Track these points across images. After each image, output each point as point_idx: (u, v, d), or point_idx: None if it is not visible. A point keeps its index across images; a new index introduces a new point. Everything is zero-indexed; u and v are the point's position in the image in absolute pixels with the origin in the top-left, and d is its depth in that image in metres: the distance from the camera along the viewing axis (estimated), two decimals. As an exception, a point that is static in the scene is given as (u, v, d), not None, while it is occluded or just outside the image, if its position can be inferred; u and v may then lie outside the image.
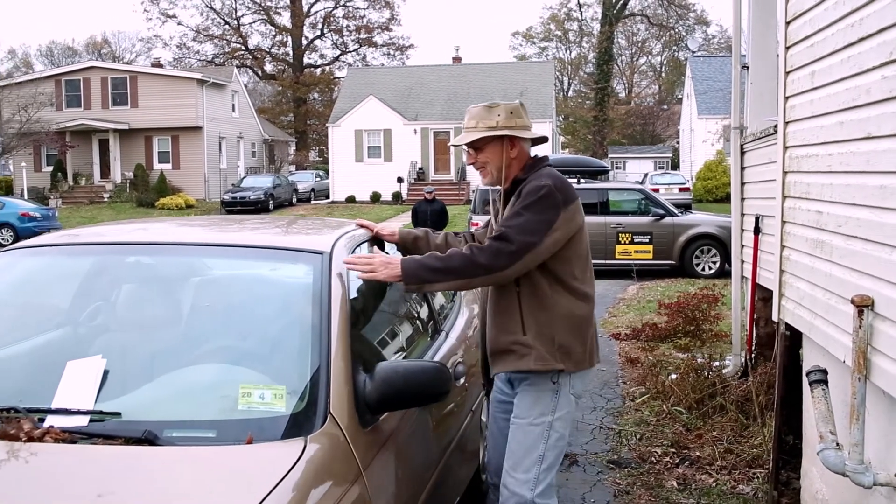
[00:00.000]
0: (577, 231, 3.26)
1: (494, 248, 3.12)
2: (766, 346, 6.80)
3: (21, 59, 75.88)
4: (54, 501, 2.06)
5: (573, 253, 3.27)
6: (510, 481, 3.30)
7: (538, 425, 3.30)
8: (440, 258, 3.15)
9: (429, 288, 3.22)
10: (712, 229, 16.35)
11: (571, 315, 3.26)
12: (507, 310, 3.29)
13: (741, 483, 5.21)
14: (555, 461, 3.34)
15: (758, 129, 6.53)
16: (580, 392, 3.41)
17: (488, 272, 3.12)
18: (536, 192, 3.18)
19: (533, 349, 3.23)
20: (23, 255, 3.45)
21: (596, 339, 3.45)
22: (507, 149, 3.36)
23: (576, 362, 3.29)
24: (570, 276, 3.26)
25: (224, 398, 2.59)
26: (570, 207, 3.21)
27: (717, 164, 36.32)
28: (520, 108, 3.41)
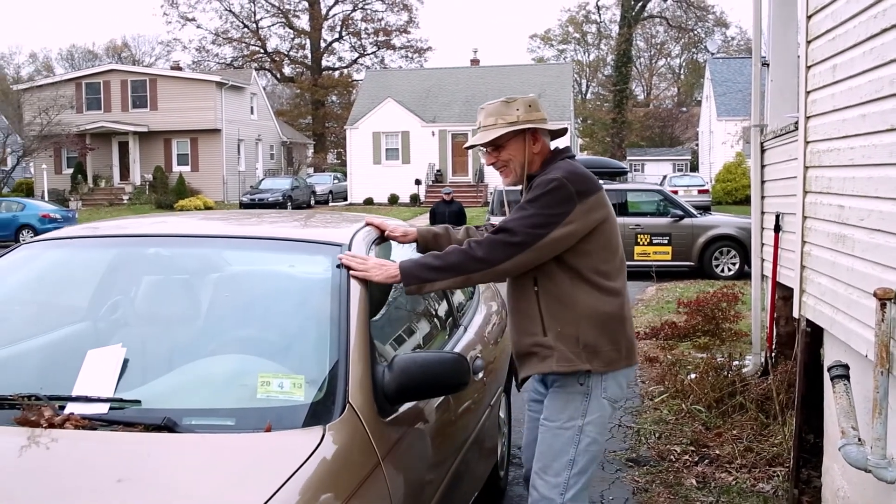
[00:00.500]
0: (599, 223, 3.11)
1: (492, 241, 3.03)
2: (786, 346, 6.76)
3: (42, 62, 76.48)
4: (74, 486, 2.07)
5: (596, 246, 3.12)
6: (540, 483, 3.22)
7: (568, 429, 3.17)
8: (438, 256, 3.06)
9: (429, 288, 3.06)
10: (732, 230, 16.25)
11: (596, 312, 3.11)
12: (526, 311, 3.19)
13: (761, 481, 5.17)
14: (586, 466, 3.20)
15: (778, 126, 6.50)
16: (616, 395, 3.23)
17: (487, 265, 3.01)
18: (545, 185, 3.06)
19: (555, 350, 3.11)
20: (44, 247, 3.47)
21: (630, 336, 3.27)
22: (530, 143, 3.24)
23: (606, 362, 3.14)
24: (593, 270, 3.11)
25: (243, 387, 2.59)
26: (589, 200, 3.07)
27: (737, 166, 36.13)
28: (537, 101, 3.31)
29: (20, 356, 2.96)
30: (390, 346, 3.13)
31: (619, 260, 3.23)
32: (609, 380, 3.18)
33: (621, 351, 3.18)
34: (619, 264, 3.22)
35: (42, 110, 36.82)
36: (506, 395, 5.17)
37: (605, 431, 3.31)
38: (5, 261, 3.35)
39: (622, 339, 3.19)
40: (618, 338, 3.17)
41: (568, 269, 3.11)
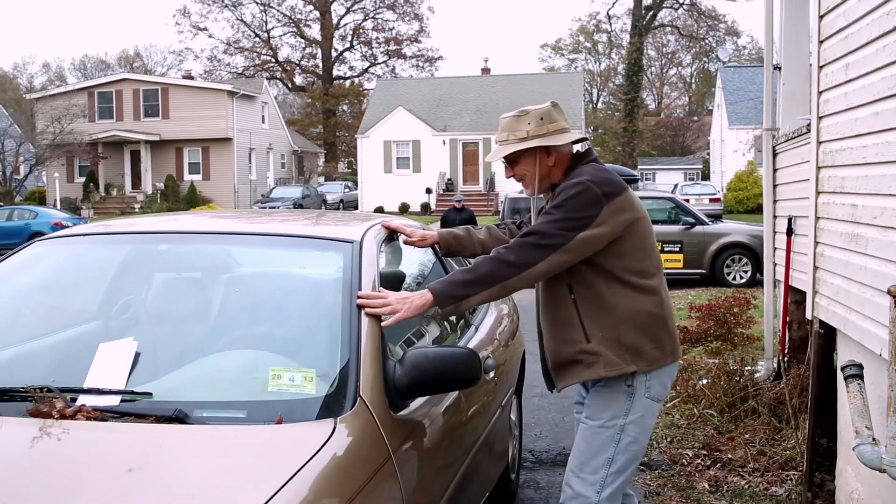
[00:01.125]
0: (630, 223, 3.06)
1: (522, 244, 2.98)
2: (798, 350, 6.72)
3: (55, 72, 76.94)
4: (85, 475, 2.07)
5: (629, 247, 3.07)
6: (575, 481, 3.17)
7: (609, 428, 3.13)
8: (468, 270, 2.98)
9: (466, 305, 2.96)
10: (743, 238, 16.17)
11: (635, 312, 3.07)
12: (565, 320, 3.13)
13: (774, 485, 5.14)
14: (625, 466, 3.15)
15: (790, 129, 6.48)
16: (660, 394, 3.19)
17: (520, 269, 2.94)
18: (570, 189, 3.01)
19: (600, 356, 3.06)
20: (58, 243, 3.50)
21: (672, 332, 3.22)
22: (543, 158, 3.19)
23: (649, 361, 3.09)
24: (628, 270, 3.07)
25: (254, 380, 2.60)
26: (616, 201, 3.02)
27: (748, 174, 36.05)
28: (551, 112, 3.22)
29: (33, 351, 2.96)
30: (400, 348, 3.11)
31: (655, 258, 3.19)
32: (653, 379, 3.14)
33: (665, 348, 3.14)
34: (655, 262, 3.18)
35: (54, 119, 37.05)
36: (517, 398, 5.15)
37: (648, 432, 3.23)
38: (18, 257, 3.36)
39: (664, 336, 3.15)
40: (659, 335, 3.13)
41: (602, 272, 3.07)
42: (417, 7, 62.35)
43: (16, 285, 3.32)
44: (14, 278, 3.33)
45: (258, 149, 45.73)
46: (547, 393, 7.53)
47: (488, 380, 3.87)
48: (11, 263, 3.33)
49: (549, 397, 7.56)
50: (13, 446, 2.22)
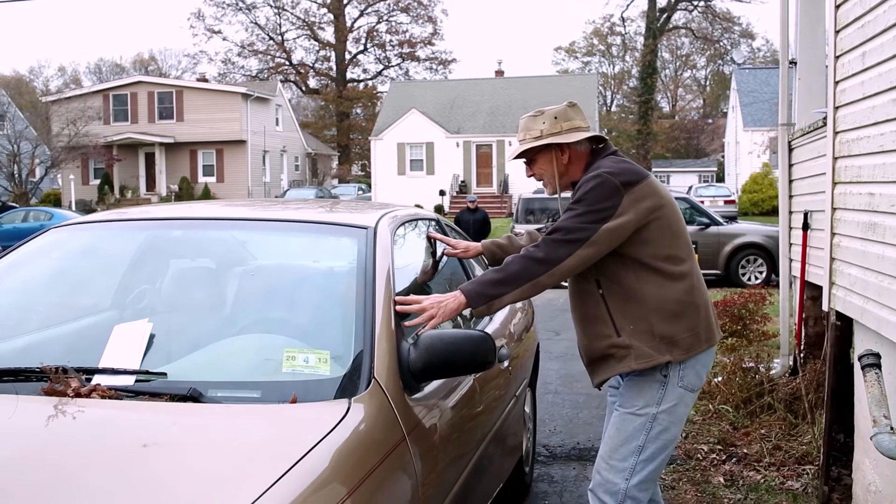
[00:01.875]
0: (654, 209, 3.04)
1: (549, 240, 2.96)
2: (814, 346, 6.68)
3: (70, 76, 77.42)
4: (100, 449, 2.07)
5: (656, 233, 3.04)
6: (604, 467, 3.16)
7: (641, 416, 3.10)
8: (498, 269, 2.97)
9: (498, 304, 2.95)
10: (759, 238, 16.11)
11: (665, 301, 3.04)
12: (595, 316, 3.13)
13: (790, 479, 5.11)
14: (656, 454, 3.11)
15: (806, 123, 6.45)
16: (694, 384, 3.15)
17: (550, 265, 2.92)
18: (588, 182, 3.01)
19: (631, 348, 3.05)
20: (74, 230, 3.52)
21: (707, 318, 3.17)
22: (558, 156, 3.21)
23: (685, 349, 3.06)
24: (656, 258, 3.04)
25: (268, 361, 2.60)
26: (636, 189, 3.00)
27: (763, 176, 35.89)
28: (567, 111, 3.23)
29: (49, 335, 2.97)
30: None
31: (685, 243, 3.15)
32: (687, 368, 3.10)
33: (699, 335, 3.11)
34: (684, 247, 3.13)
35: (70, 122, 37.26)
36: (531, 391, 5.14)
37: (680, 422, 3.19)
38: (34, 244, 3.38)
39: (698, 322, 3.11)
40: (694, 323, 3.10)
41: (631, 263, 3.05)
42: (431, 10, 62.45)
43: (33, 271, 3.35)
44: (31, 264, 3.35)
45: (272, 151, 45.86)
46: (561, 390, 7.63)
47: (503, 369, 3.87)
48: (28, 249, 3.35)
49: (563, 393, 7.56)
50: (29, 422, 2.22)
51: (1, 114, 39.68)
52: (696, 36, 65.68)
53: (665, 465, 3.32)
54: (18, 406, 2.29)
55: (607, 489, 3.14)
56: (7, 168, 37.38)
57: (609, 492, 3.14)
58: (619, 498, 3.12)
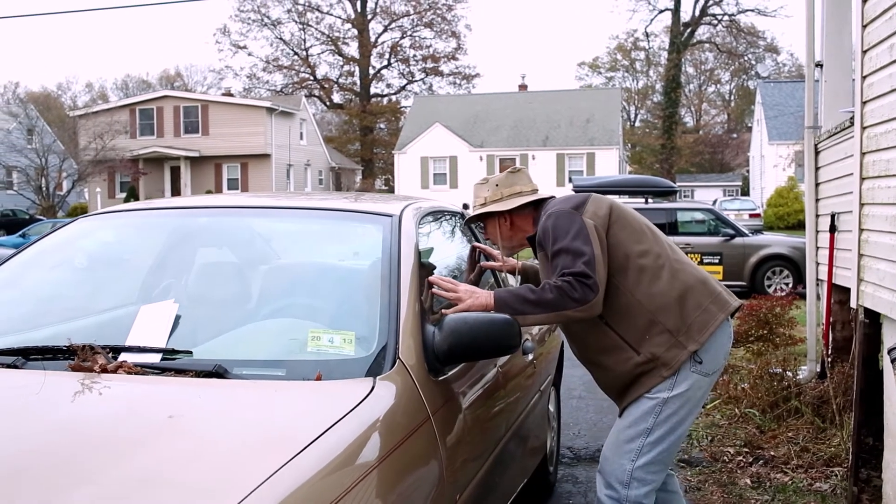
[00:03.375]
0: (609, 214, 3.11)
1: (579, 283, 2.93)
2: (842, 351, 6.61)
3: (97, 91, 78.29)
4: (126, 419, 2.08)
5: (620, 234, 3.10)
6: (611, 448, 3.18)
7: (652, 399, 3.10)
8: (534, 290, 2.98)
9: (521, 321, 2.91)
10: (784, 250, 15.95)
11: (660, 295, 3.05)
12: (608, 346, 3.12)
13: (818, 481, 5.05)
14: (664, 437, 3.11)
15: (833, 125, 6.40)
16: (710, 368, 3.12)
17: (581, 304, 2.93)
18: (546, 228, 3.09)
19: (657, 359, 3.06)
20: (103, 219, 3.57)
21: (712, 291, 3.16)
22: (501, 222, 3.32)
23: (700, 329, 3.07)
24: (629, 257, 3.07)
25: (293, 341, 2.61)
26: (586, 206, 3.11)
27: (789, 190, 35.59)
28: (508, 177, 3.33)
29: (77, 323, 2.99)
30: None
31: (650, 231, 3.19)
32: (702, 353, 3.09)
33: (709, 309, 3.11)
34: (651, 235, 3.17)
35: (97, 136, 37.63)
36: (555, 390, 5.12)
37: (693, 407, 3.16)
38: (65, 232, 3.42)
39: (702, 298, 3.12)
40: (698, 299, 3.11)
41: (615, 275, 3.06)
42: (455, 25, 62.55)
43: (61, 259, 3.39)
44: (59, 252, 3.39)
45: (296, 165, 46.08)
46: (585, 395, 7.59)
47: (528, 362, 3.86)
48: (60, 237, 3.40)
49: (587, 398, 7.51)
50: (56, 395, 2.24)
51: (29, 128, 40.15)
52: (720, 50, 65.49)
53: (676, 452, 3.29)
54: (46, 380, 2.30)
55: (613, 470, 3.16)
56: (35, 181, 37.79)
57: (615, 473, 3.15)
58: (625, 479, 3.13)
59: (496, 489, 3.28)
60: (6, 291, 3.16)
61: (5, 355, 2.48)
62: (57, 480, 1.72)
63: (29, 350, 2.50)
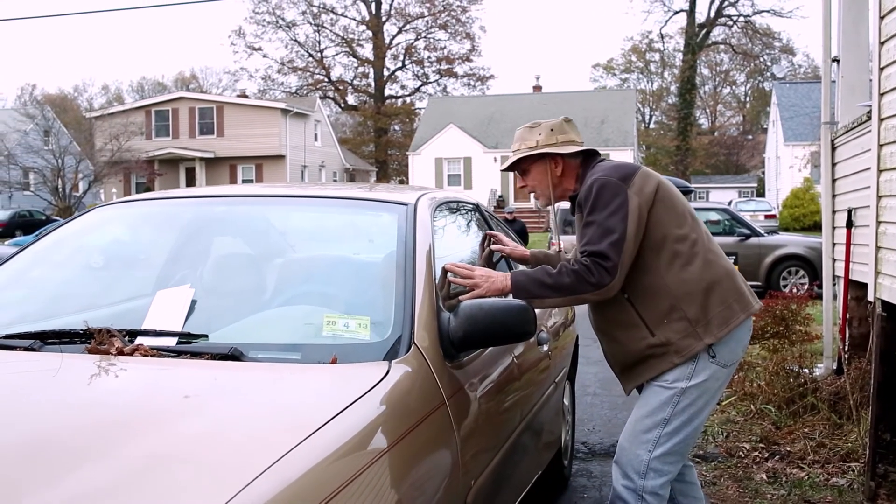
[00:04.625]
0: (654, 192, 3.05)
1: (595, 266, 2.93)
2: (859, 347, 6.57)
3: (113, 94, 78.65)
4: (142, 399, 2.09)
5: (662, 215, 3.04)
6: (628, 438, 3.16)
7: (669, 389, 3.07)
8: (551, 274, 2.98)
9: (538, 304, 2.97)
10: (800, 250, 15.87)
11: (688, 283, 3.02)
12: (624, 321, 3.11)
13: (835, 476, 5.02)
14: (681, 427, 3.09)
15: (850, 120, 6.37)
16: (727, 359, 3.10)
17: (597, 288, 2.93)
18: (589, 192, 3.04)
19: (670, 344, 3.04)
20: (120, 208, 3.60)
21: (738, 288, 3.13)
22: (552, 167, 3.26)
23: (721, 325, 3.04)
24: (666, 239, 3.03)
25: (309, 325, 2.62)
26: (635, 180, 3.03)
27: (805, 191, 35.38)
28: (562, 124, 3.29)
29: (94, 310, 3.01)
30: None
31: (691, 217, 3.13)
32: (721, 344, 3.06)
33: (732, 306, 3.08)
34: (691, 222, 3.12)
35: (113, 137, 37.81)
36: (570, 384, 5.11)
37: (711, 398, 3.14)
38: (81, 221, 3.44)
39: (727, 294, 3.09)
40: (724, 295, 3.07)
41: (646, 255, 3.03)
42: (469, 27, 62.57)
43: (80, 246, 3.42)
44: (79, 240, 3.42)
45: (311, 166, 46.16)
46: (599, 392, 7.57)
47: (543, 353, 3.85)
48: (76, 227, 3.42)
49: (602, 395, 7.50)
50: (74, 376, 2.25)
51: (46, 130, 40.40)
52: (735, 52, 65.21)
53: (693, 443, 3.27)
54: (63, 362, 2.32)
55: (630, 461, 3.14)
56: (51, 182, 37.99)
57: (632, 463, 3.13)
58: (642, 469, 3.11)
59: (510, 479, 3.28)
60: (22, 281, 3.18)
61: (23, 339, 2.50)
62: (72, 457, 1.72)
63: (46, 334, 2.51)
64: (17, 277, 3.17)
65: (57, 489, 1.58)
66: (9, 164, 38.48)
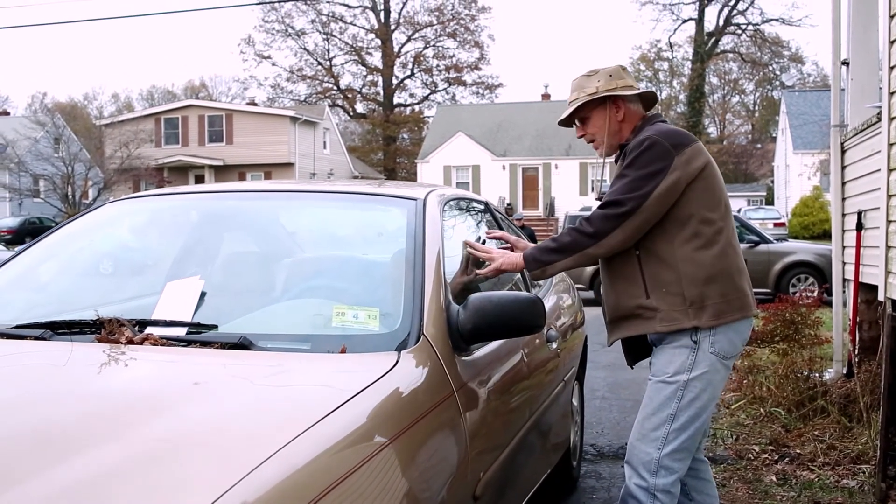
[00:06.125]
0: (699, 171, 3.03)
1: (600, 214, 2.99)
2: (869, 351, 6.55)
3: (123, 102, 78.96)
4: (152, 384, 2.10)
5: (699, 194, 3.02)
6: (637, 437, 3.15)
7: (671, 383, 3.07)
8: (555, 239, 3.07)
9: (551, 270, 3.09)
10: (810, 257, 15.80)
11: (698, 265, 3.00)
12: (627, 275, 3.11)
13: (845, 478, 4.99)
14: (688, 423, 3.07)
15: (859, 122, 6.36)
16: (727, 351, 3.08)
17: (597, 239, 2.98)
18: (638, 146, 3.03)
19: (658, 311, 3.03)
20: (132, 203, 3.61)
21: (742, 287, 3.10)
22: (613, 112, 3.22)
23: (714, 315, 3.01)
24: (693, 217, 3.01)
25: (318, 317, 2.62)
26: (686, 151, 3.01)
27: (814, 199, 35.34)
28: (620, 70, 3.27)
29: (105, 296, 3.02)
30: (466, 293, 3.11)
31: (725, 207, 3.11)
32: (719, 334, 3.05)
33: (731, 302, 3.05)
34: (724, 211, 3.10)
35: (122, 144, 38.00)
36: (578, 385, 5.10)
37: (714, 391, 3.12)
38: (95, 216, 3.45)
39: (731, 290, 3.06)
40: (726, 290, 3.04)
41: (669, 223, 3.02)
42: (478, 35, 62.56)
43: (96, 238, 3.45)
44: (89, 235, 3.44)
45: (319, 174, 46.23)
46: (608, 395, 7.56)
47: (551, 350, 3.84)
48: (92, 220, 3.43)
49: (610, 399, 7.49)
50: (84, 363, 2.26)
51: (56, 137, 40.59)
52: (744, 60, 65.09)
53: (700, 437, 3.24)
54: (73, 351, 2.32)
55: (641, 459, 3.12)
56: (61, 189, 38.16)
57: (643, 462, 3.12)
58: (653, 468, 3.09)
59: (519, 475, 3.27)
60: (32, 275, 3.19)
61: (33, 329, 2.51)
62: (81, 441, 1.72)
63: (56, 324, 2.52)
64: (27, 272, 3.18)
65: (68, 472, 1.58)
66: (19, 172, 38.68)
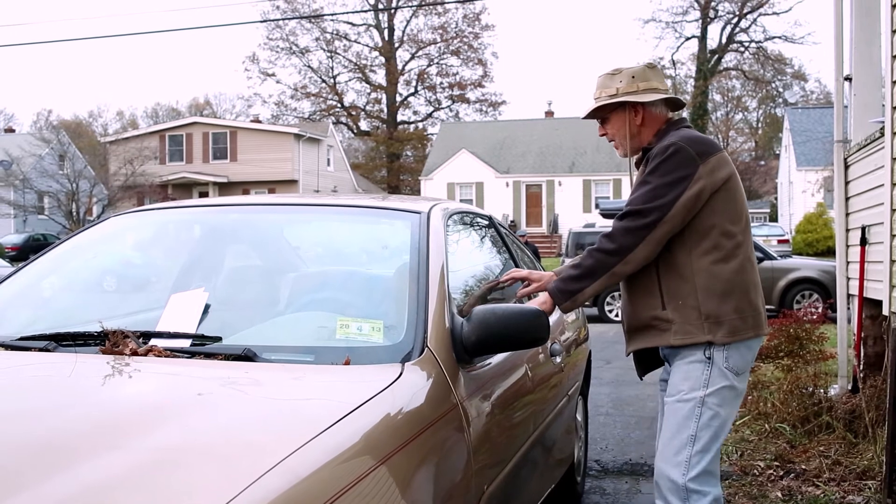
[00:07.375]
0: (724, 181, 2.98)
1: (621, 227, 2.94)
2: (874, 367, 6.52)
3: (128, 120, 79.22)
4: (156, 395, 2.10)
5: (721, 205, 2.98)
6: (661, 461, 3.08)
7: (688, 401, 3.00)
8: (574, 265, 3.00)
9: (581, 298, 3.01)
10: (814, 273, 15.80)
11: (715, 279, 2.96)
12: (645, 285, 3.07)
13: (851, 494, 4.96)
14: (710, 443, 3.00)
15: (862, 137, 6.36)
16: (739, 367, 3.03)
17: (622, 255, 2.93)
18: (662, 153, 2.97)
19: (673, 323, 2.99)
20: (135, 216, 3.61)
21: (757, 305, 3.06)
22: (631, 116, 3.16)
23: (729, 332, 2.97)
24: (714, 229, 2.97)
25: (322, 329, 2.62)
26: (711, 160, 2.96)
27: (818, 216, 35.30)
28: (645, 71, 3.18)
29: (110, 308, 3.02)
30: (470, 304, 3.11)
31: (745, 221, 3.07)
32: (732, 350, 3.00)
33: (746, 320, 3.01)
34: (744, 226, 3.06)
35: (127, 161, 38.11)
36: (583, 400, 5.09)
37: (730, 407, 3.08)
38: (99, 230, 3.46)
39: (746, 307, 3.02)
40: (742, 306, 3.00)
41: (689, 235, 2.99)
42: (481, 53, 62.74)
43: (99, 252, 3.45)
44: (93, 248, 3.44)
45: (323, 191, 46.24)
46: (612, 412, 7.53)
47: (555, 364, 3.84)
48: (95, 233, 3.44)
49: (615, 415, 7.47)
50: (88, 374, 2.26)
51: (61, 154, 40.72)
52: (747, 78, 65.18)
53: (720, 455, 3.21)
54: (77, 362, 2.32)
55: (669, 487, 3.04)
56: (66, 206, 38.24)
57: (671, 489, 3.04)
58: (682, 494, 3.00)
59: (523, 490, 3.26)
60: (36, 288, 3.20)
61: (37, 340, 2.51)
62: (84, 451, 1.72)
63: (60, 336, 2.52)
64: (30, 286, 3.19)
65: (74, 480, 1.58)
66: (24, 188, 38.78)
